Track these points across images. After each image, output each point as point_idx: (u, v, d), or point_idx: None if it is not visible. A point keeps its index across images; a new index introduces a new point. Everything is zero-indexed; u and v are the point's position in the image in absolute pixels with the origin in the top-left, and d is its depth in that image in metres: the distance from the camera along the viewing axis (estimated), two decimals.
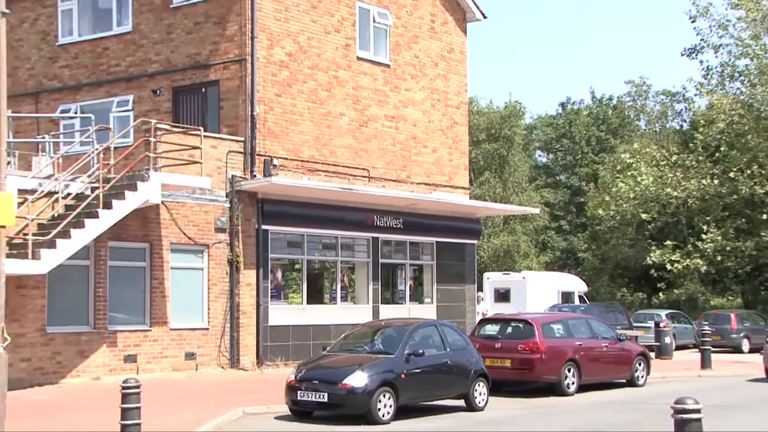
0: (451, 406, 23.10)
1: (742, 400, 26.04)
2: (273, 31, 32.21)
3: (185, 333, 30.06)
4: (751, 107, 53.48)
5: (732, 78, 55.06)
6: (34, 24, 36.82)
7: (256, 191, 31.54)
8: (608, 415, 23.37)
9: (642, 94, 76.25)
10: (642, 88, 75.76)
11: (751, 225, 54.60)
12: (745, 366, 37.87)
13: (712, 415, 14.54)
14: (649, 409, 23.38)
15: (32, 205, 25.58)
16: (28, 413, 20.18)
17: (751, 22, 51.84)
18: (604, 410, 24.20)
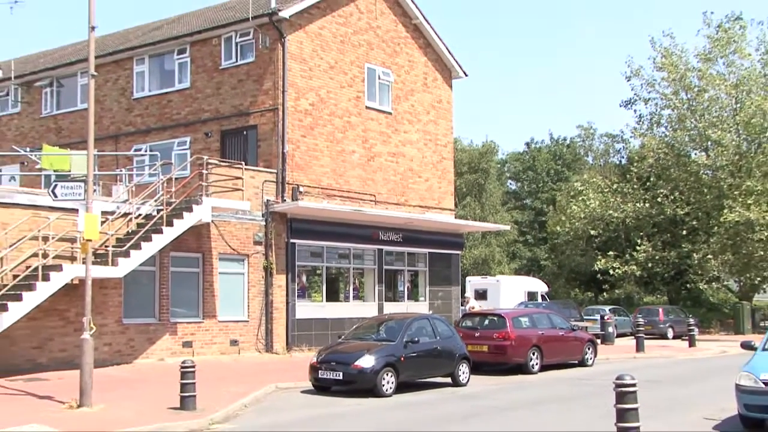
0: (440, 382, 23.28)
1: (667, 376, 26.24)
2: (299, 86, 32.22)
3: (230, 324, 30.11)
4: (673, 147, 54.85)
5: (658, 124, 56.30)
6: (115, 83, 36.94)
7: (286, 212, 31.55)
8: (564, 388, 23.57)
9: (589, 136, 77.08)
10: (589, 131, 76.72)
11: (674, 239, 55.59)
12: (670, 349, 38.83)
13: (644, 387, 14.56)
14: (596, 383, 23.47)
15: (112, 223, 25.83)
16: (110, 386, 20.40)
17: (672, 81, 53.01)
18: (561, 384, 24.42)
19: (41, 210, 24.90)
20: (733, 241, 50.23)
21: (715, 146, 51.45)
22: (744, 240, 49.60)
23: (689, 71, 52.67)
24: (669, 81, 53.31)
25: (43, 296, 23.28)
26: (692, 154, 55.14)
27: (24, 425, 15.35)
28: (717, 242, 50.89)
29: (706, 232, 52.65)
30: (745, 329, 50.50)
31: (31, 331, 24.52)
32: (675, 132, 54.31)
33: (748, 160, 50.60)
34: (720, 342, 43.43)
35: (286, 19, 31.70)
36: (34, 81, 40.56)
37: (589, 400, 20.34)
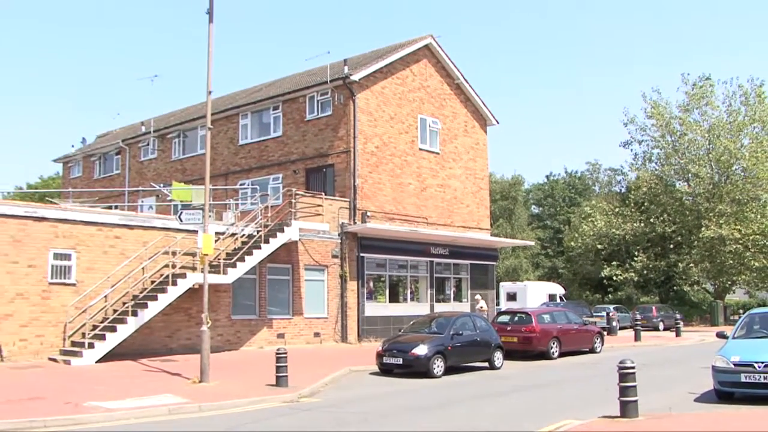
0: (480, 366, 23.22)
1: (659, 360, 25.98)
2: (367, 133, 32.50)
3: (313, 320, 30.32)
4: (662, 179, 54.93)
5: (650, 160, 56.42)
6: (226, 133, 37.49)
7: (357, 232, 31.77)
8: (579, 370, 23.36)
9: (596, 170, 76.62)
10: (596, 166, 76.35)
11: (664, 251, 55.47)
12: (661, 339, 38.27)
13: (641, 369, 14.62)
14: (603, 366, 23.24)
15: (222, 241, 26.20)
16: (223, 367, 20.66)
17: (659, 126, 53.72)
18: (576, 367, 24.16)
19: (171, 231, 25.58)
20: (709, 252, 50.56)
21: (694, 178, 51.78)
22: (718, 252, 50.07)
23: (672, 119, 53.07)
24: (657, 126, 53.73)
25: (172, 297, 23.90)
26: (677, 184, 55.27)
27: (160, 394, 15.87)
28: (697, 254, 51.37)
29: (688, 245, 52.59)
30: (719, 322, 50.88)
31: (164, 323, 25.14)
32: (663, 167, 54.63)
33: (719, 189, 50.75)
34: (700, 333, 43.03)
35: (356, 81, 32.08)
36: (166, 134, 41.48)
37: (598, 379, 20.23)
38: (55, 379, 18.25)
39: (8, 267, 22.13)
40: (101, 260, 24.15)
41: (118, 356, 22.48)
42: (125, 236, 24.94)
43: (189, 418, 14.00)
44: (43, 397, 15.23)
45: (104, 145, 47.28)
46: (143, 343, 24.46)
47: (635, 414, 12.99)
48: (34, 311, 22.50)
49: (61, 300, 23.08)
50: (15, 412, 13.40)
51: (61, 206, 25.86)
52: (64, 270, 23.37)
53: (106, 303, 23.59)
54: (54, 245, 23.18)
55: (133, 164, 44.09)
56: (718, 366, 15.24)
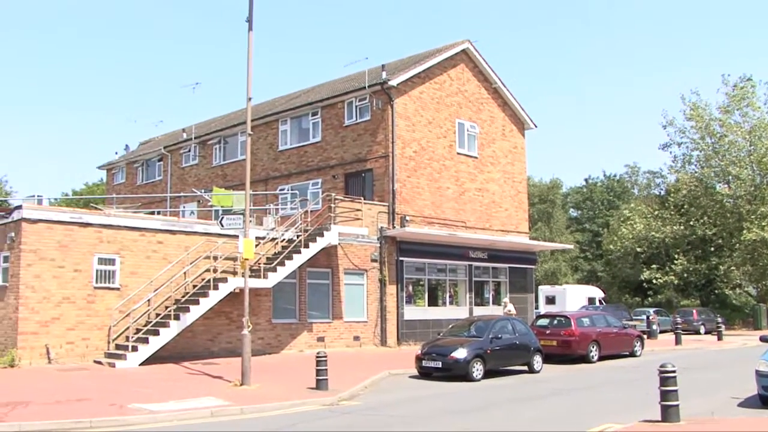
0: (519, 370, 23.09)
1: (701, 364, 25.60)
2: (405, 138, 32.53)
3: (353, 324, 30.39)
4: (702, 181, 54.01)
5: (689, 163, 55.64)
6: (265, 139, 37.74)
7: (396, 236, 31.79)
8: (618, 374, 23.18)
9: (635, 173, 75.89)
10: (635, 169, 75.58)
11: (704, 254, 54.99)
12: (702, 342, 37.58)
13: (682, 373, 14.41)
14: (644, 370, 22.99)
15: (263, 246, 26.38)
16: (263, 370, 20.82)
17: (699, 128, 52.89)
18: (615, 371, 23.97)
19: (212, 236, 25.84)
20: (751, 255, 49.85)
21: (735, 180, 50.97)
22: (760, 254, 49.43)
23: (712, 121, 52.33)
24: (697, 128, 52.99)
25: (214, 301, 24.16)
26: (717, 186, 54.35)
27: (202, 397, 16.04)
28: (738, 256, 50.69)
29: (730, 248, 51.81)
30: (762, 326, 49.91)
31: (206, 327, 25.38)
32: (703, 169, 53.78)
33: (761, 191, 49.86)
34: (742, 336, 42.34)
35: (394, 86, 32.13)
36: (207, 140, 41.86)
37: (638, 383, 20.03)
38: (100, 381, 18.54)
39: (55, 271, 22.53)
40: (144, 265, 24.48)
41: (161, 359, 22.75)
42: (167, 241, 25.24)
43: (231, 421, 14.13)
44: (89, 398, 15.48)
45: (147, 151, 47.87)
46: (185, 347, 24.72)
47: (677, 419, 12.85)
48: (80, 315, 22.88)
49: (106, 304, 23.44)
50: (63, 413, 13.67)
51: (106, 212, 26.26)
52: (108, 274, 23.72)
53: (149, 307, 23.91)
54: (99, 250, 23.54)
55: (174, 170, 44.58)
56: (762, 370, 15.03)
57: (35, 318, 22.05)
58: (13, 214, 23.00)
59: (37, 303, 22.14)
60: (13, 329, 21.98)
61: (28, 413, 13.68)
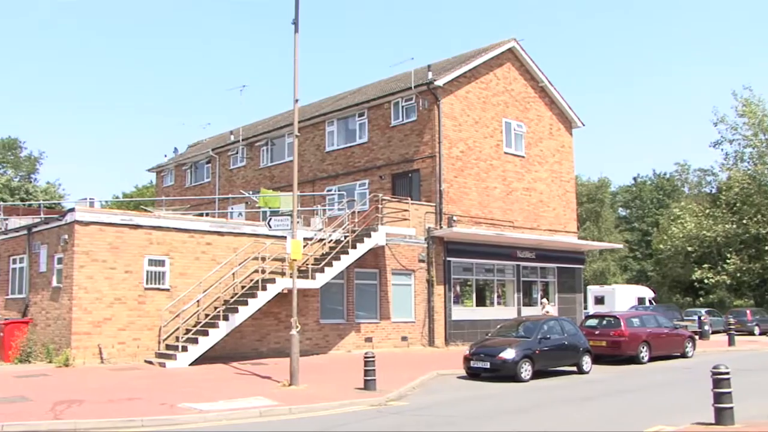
0: (568, 371, 22.87)
1: (755, 365, 25.10)
2: (452, 138, 32.40)
3: (401, 324, 30.35)
4: (755, 178, 53.35)
5: (741, 160, 55.02)
6: (312, 140, 37.89)
7: (443, 236, 31.69)
8: (670, 375, 22.84)
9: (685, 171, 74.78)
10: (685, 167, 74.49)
11: (758, 253, 53.73)
12: (757, 344, 36.74)
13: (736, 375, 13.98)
14: (696, 371, 22.67)
15: (311, 247, 26.58)
16: (312, 371, 20.89)
17: (752, 125, 52.00)
18: (666, 372, 23.64)
19: (260, 237, 26.01)
20: None
21: None
22: None
23: (766, 116, 51.44)
24: (749, 125, 52.39)
25: (262, 302, 24.29)
26: None
27: (251, 397, 16.12)
28: None
29: None
30: None
31: (255, 327, 25.56)
32: (756, 166, 53.10)
33: None
34: None
35: (441, 86, 32.04)
36: (255, 142, 42.17)
37: (690, 384, 19.74)
38: (150, 381, 18.76)
39: (107, 273, 22.87)
40: (193, 266, 24.73)
41: (211, 359, 22.95)
42: (216, 243, 25.45)
43: (280, 420, 14.17)
44: (140, 397, 15.66)
45: (195, 154, 48.38)
46: (234, 347, 24.92)
47: (731, 421, 12.55)
48: (131, 315, 23.20)
49: (156, 304, 23.72)
50: (115, 411, 13.85)
51: (155, 214, 26.56)
52: (158, 275, 24.00)
53: (198, 308, 24.14)
54: (149, 252, 23.84)
55: (222, 172, 44.98)
56: None
57: (88, 318, 22.41)
58: (66, 216, 23.41)
59: (90, 304, 22.50)
60: (67, 329, 22.37)
61: (82, 411, 13.90)
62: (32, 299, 25.14)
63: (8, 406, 14.37)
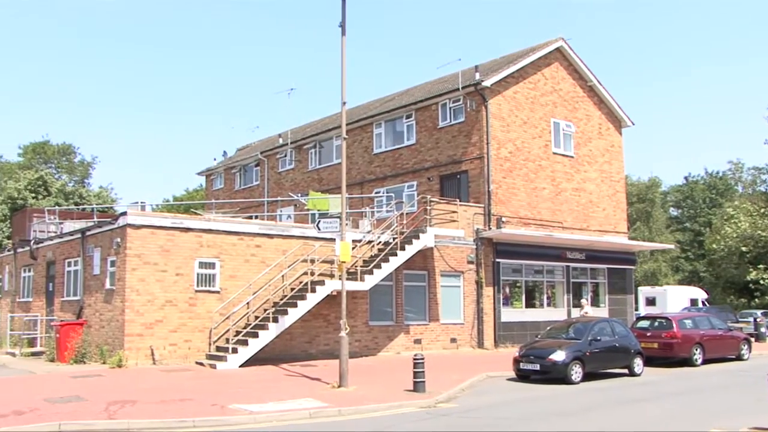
0: (619, 373, 22.61)
1: None
2: (500, 138, 32.21)
3: (450, 326, 30.23)
4: None
5: None
6: (360, 143, 37.99)
7: (492, 238, 31.51)
8: (724, 378, 22.47)
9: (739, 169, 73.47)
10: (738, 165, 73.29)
11: None
12: None
13: None
14: (751, 374, 22.28)
15: (359, 249, 26.59)
16: (361, 372, 20.96)
17: None
18: (721, 375, 23.26)
19: (309, 240, 26.14)
20: None
21: None
22: None
23: None
24: None
25: (312, 304, 24.39)
26: None
27: (301, 398, 16.19)
28: None
29: None
30: None
31: (304, 329, 25.68)
32: None
33: None
34: None
35: (488, 87, 31.89)
36: (303, 145, 42.41)
37: (746, 387, 19.35)
38: (201, 382, 18.94)
39: (158, 275, 23.15)
40: (243, 268, 24.92)
41: (261, 361, 23.10)
42: (265, 245, 25.61)
43: (329, 422, 14.21)
44: (192, 398, 15.81)
45: (244, 157, 48.80)
46: (284, 349, 25.05)
47: None
48: (182, 317, 23.46)
49: (207, 307, 23.94)
50: (167, 412, 14.02)
51: (205, 217, 26.81)
52: (208, 278, 24.24)
53: (248, 310, 24.33)
54: (199, 254, 24.09)
55: (271, 175, 45.31)
56: None
57: (140, 320, 22.71)
58: (118, 220, 23.75)
59: (142, 306, 22.80)
60: (120, 331, 22.70)
61: (135, 411, 14.10)
62: (86, 301, 25.57)
63: (65, 406, 14.63)
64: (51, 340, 25.75)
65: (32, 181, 60.56)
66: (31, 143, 77.31)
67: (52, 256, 29.52)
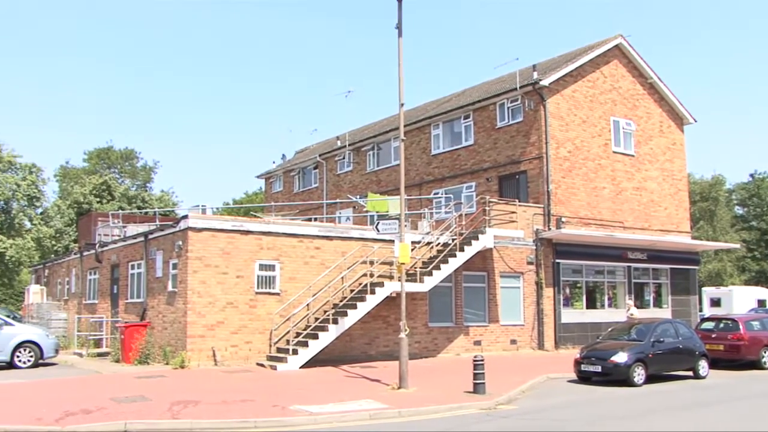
0: (683, 375, 22.21)
1: None
2: (558, 138, 31.88)
3: (510, 327, 30.05)
4: None
5: None
6: (418, 144, 37.97)
7: (551, 238, 31.22)
8: None
9: None
10: None
11: None
12: None
13: None
14: None
15: (418, 250, 26.57)
16: (420, 374, 20.88)
17: None
18: None
19: (368, 241, 26.20)
20: None
21: None
22: None
23: None
24: None
25: (371, 305, 24.43)
26: None
27: (361, 400, 16.21)
28: None
29: None
30: None
31: (363, 331, 25.75)
32: None
33: None
34: None
35: (546, 86, 31.59)
36: (361, 147, 42.56)
37: None
38: (262, 383, 19.10)
39: (219, 277, 23.44)
40: (303, 270, 25.08)
41: (320, 362, 23.22)
42: (324, 247, 25.74)
43: (389, 423, 14.20)
44: (253, 399, 15.95)
45: (302, 160, 49.15)
46: (343, 350, 25.15)
47: None
48: (242, 319, 23.71)
49: (267, 308, 24.15)
50: (229, 412, 14.18)
51: (265, 220, 27.06)
52: (268, 280, 24.44)
53: (308, 311, 24.50)
54: (259, 257, 24.31)
55: (330, 177, 45.54)
56: None
57: (202, 322, 23.02)
58: (180, 223, 24.11)
59: (203, 308, 23.10)
60: (182, 332, 23.03)
61: (198, 412, 14.28)
62: (149, 303, 26.03)
63: (130, 405, 14.90)
64: (116, 341, 26.29)
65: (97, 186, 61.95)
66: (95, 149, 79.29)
67: (117, 259, 30.12)
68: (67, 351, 30.17)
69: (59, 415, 13.61)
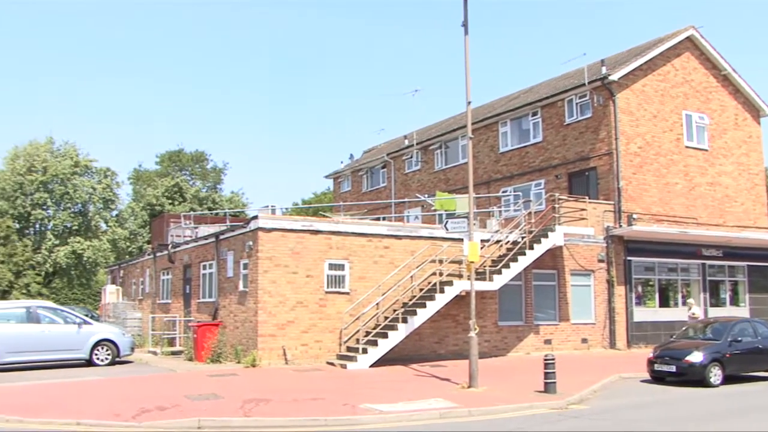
0: (762, 376, 21.56)
1: None
2: (628, 133, 31.36)
3: (580, 326, 29.73)
4: None
5: None
6: (486, 142, 37.82)
7: (623, 235, 30.75)
8: None
9: None
10: None
11: None
12: None
13: None
14: None
15: (487, 248, 26.50)
16: (490, 373, 20.79)
17: None
18: None
19: (437, 240, 26.21)
20: None
21: None
22: None
23: None
24: None
25: (440, 304, 24.43)
26: None
27: (430, 398, 16.19)
28: None
29: None
30: None
31: (433, 330, 25.75)
32: None
33: None
34: None
35: (615, 81, 31.10)
36: (429, 145, 42.54)
37: None
38: (332, 382, 19.24)
39: (289, 277, 23.70)
40: (372, 270, 25.19)
41: (390, 361, 23.30)
42: (393, 246, 25.81)
43: (460, 422, 14.14)
44: (323, 398, 16.08)
45: (370, 159, 49.35)
46: (413, 349, 25.18)
47: None
48: (312, 318, 23.93)
49: (337, 308, 24.33)
50: (299, 411, 14.31)
51: (334, 219, 27.26)
52: (338, 279, 24.62)
53: (377, 310, 24.60)
54: (329, 256, 24.50)
55: (398, 176, 45.63)
56: None
57: (272, 321, 23.32)
58: (250, 224, 24.46)
59: (274, 307, 23.39)
60: (253, 331, 23.37)
61: (269, 409, 14.46)
62: (221, 303, 26.47)
63: (203, 403, 15.18)
64: (189, 340, 26.80)
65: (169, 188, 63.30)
66: (167, 152, 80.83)
67: (189, 259, 30.71)
68: (142, 349, 30.92)
69: (135, 412, 13.94)
